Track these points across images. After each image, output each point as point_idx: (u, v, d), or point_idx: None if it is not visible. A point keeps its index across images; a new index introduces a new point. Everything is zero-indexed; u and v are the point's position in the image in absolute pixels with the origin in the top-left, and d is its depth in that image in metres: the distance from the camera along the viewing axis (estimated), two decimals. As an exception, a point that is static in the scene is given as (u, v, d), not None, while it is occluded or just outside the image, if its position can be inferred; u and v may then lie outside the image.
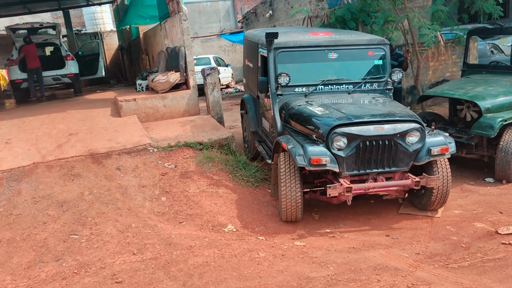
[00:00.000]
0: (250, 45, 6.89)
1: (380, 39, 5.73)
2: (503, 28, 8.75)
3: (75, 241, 4.46)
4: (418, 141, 4.58)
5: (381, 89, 5.55)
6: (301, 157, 4.42)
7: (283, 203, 4.66)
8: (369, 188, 4.56)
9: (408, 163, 4.62)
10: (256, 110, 6.76)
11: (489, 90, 5.95)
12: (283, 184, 4.60)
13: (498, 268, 3.73)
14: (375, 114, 4.68)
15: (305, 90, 5.45)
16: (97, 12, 19.67)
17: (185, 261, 4.05)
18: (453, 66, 10.24)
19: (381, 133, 4.46)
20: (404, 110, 4.94)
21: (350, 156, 4.50)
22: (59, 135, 7.07)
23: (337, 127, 4.46)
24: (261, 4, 13.31)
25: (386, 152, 4.54)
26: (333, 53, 5.50)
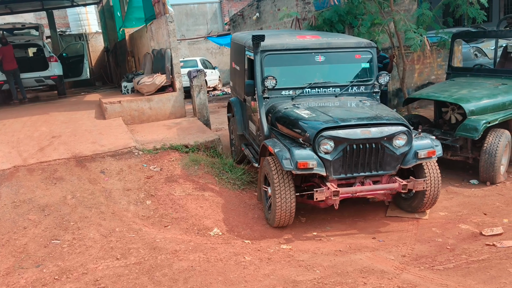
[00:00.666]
0: (237, 47, 6.83)
1: (367, 42, 5.72)
2: (486, 32, 8.87)
3: (57, 246, 4.36)
4: (405, 144, 4.56)
5: (368, 92, 5.54)
6: (288, 161, 4.37)
7: (278, 209, 4.55)
8: (356, 192, 4.52)
9: (395, 166, 4.60)
10: (243, 113, 6.70)
11: (473, 93, 6.01)
12: (277, 189, 4.51)
13: (482, 269, 3.75)
14: (362, 117, 4.65)
15: (292, 93, 5.41)
16: (82, 13, 19.45)
17: (170, 265, 3.98)
18: (438, 69, 10.35)
19: (368, 136, 4.43)
20: (391, 113, 4.93)
21: (337, 159, 4.46)
22: (41, 138, 6.93)
23: (323, 130, 4.42)
24: (248, 7, 13.31)
25: (373, 156, 4.51)
26: (320, 56, 5.48)
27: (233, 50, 7.32)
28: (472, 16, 7.14)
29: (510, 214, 4.81)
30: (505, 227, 4.49)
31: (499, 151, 5.52)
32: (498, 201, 5.21)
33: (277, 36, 6.04)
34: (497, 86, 6.14)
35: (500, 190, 5.53)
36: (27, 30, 13.07)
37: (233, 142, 7.33)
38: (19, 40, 12.26)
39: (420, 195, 4.81)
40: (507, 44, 6.92)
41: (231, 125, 7.42)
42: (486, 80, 6.50)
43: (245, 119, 6.63)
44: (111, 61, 16.57)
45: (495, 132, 5.63)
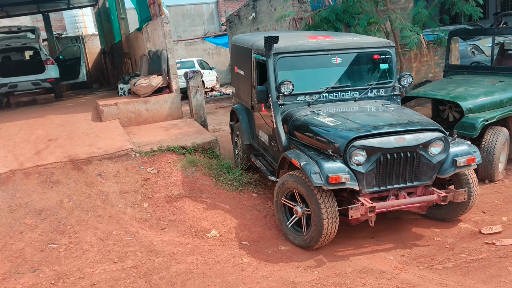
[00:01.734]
0: (241, 51, 6.37)
1: (386, 41, 5.34)
2: (483, 29, 8.87)
3: (53, 250, 4.33)
4: (441, 152, 4.18)
5: (388, 95, 5.13)
6: (317, 176, 3.91)
7: (324, 229, 4.03)
8: (393, 206, 4.12)
9: (431, 176, 4.22)
10: (250, 121, 6.24)
11: (470, 91, 6.00)
12: (322, 208, 3.99)
13: (482, 268, 3.73)
14: (394, 124, 4.23)
15: (309, 98, 4.96)
16: (78, 16, 19.43)
17: (167, 268, 3.96)
18: (436, 67, 10.34)
19: (403, 145, 4.03)
20: (423, 118, 4.55)
21: (370, 171, 4.04)
22: (37, 141, 6.89)
23: (355, 140, 3.99)
24: (244, 7, 13.28)
25: (408, 165, 4.11)
26: (336, 57, 5.05)
27: (235, 53, 6.87)
28: (468, 13, 7.12)
29: (509, 212, 4.79)
30: (504, 225, 4.48)
31: (497, 149, 5.51)
32: (497, 199, 5.19)
33: (287, 37, 5.59)
34: (494, 83, 6.13)
35: (498, 188, 5.51)
36: (23, 33, 13.01)
37: (238, 151, 6.86)
38: (15, 44, 12.21)
39: (457, 205, 4.46)
40: (504, 42, 6.91)
41: (234, 134, 6.94)
42: (483, 77, 6.48)
43: (253, 128, 6.20)
44: (108, 63, 16.54)
45: (493, 130, 5.61)
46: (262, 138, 5.78)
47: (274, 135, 5.02)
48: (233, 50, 7.08)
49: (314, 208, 4.05)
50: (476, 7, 7.06)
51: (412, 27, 7.02)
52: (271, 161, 5.53)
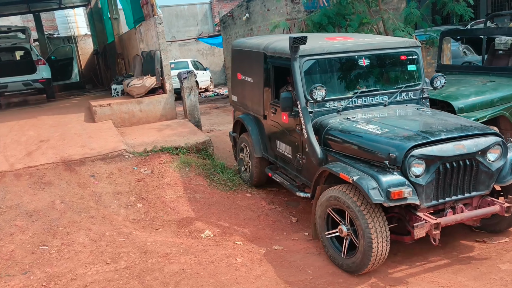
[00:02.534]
0: (248, 55, 5.89)
1: (412, 41, 5.05)
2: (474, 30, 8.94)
3: (45, 252, 4.30)
4: (499, 158, 3.86)
5: (418, 98, 4.83)
6: (376, 191, 3.48)
7: (373, 252, 3.58)
8: (456, 220, 3.77)
9: (489, 185, 3.88)
10: (261, 132, 5.77)
11: (462, 90, 6.04)
12: (371, 228, 3.55)
13: (473, 265, 3.77)
14: (449, 130, 3.88)
15: (337, 104, 4.57)
16: (70, 16, 19.31)
17: (161, 269, 3.95)
18: (428, 67, 10.38)
19: (463, 152, 3.68)
20: (473, 122, 4.28)
21: (429, 183, 3.65)
22: (29, 142, 6.85)
23: (414, 148, 3.61)
24: (238, 7, 13.28)
25: (466, 174, 3.78)
26: (363, 59, 4.70)
27: (239, 59, 6.33)
28: (459, 13, 7.18)
29: (500, 210, 4.82)
30: (495, 223, 4.51)
31: (489, 148, 5.54)
32: (488, 197, 5.22)
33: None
34: (485, 83, 6.18)
35: (490, 186, 5.55)
36: (14, 33, 12.91)
37: (245, 163, 6.30)
38: (5, 44, 12.12)
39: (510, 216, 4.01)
40: (494, 42, 6.96)
41: (239, 146, 6.41)
42: (475, 77, 6.53)
43: (265, 139, 5.74)
44: (101, 64, 16.47)
45: (484, 129, 5.65)
46: (282, 150, 5.28)
47: (300, 146, 4.71)
48: (235, 55, 6.49)
49: (363, 230, 3.59)
50: (467, 8, 7.12)
51: (404, 27, 7.06)
52: (295, 175, 5.09)
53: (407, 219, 3.75)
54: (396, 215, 3.88)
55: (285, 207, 5.54)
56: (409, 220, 3.73)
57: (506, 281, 3.47)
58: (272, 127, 5.43)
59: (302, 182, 4.95)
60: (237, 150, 6.59)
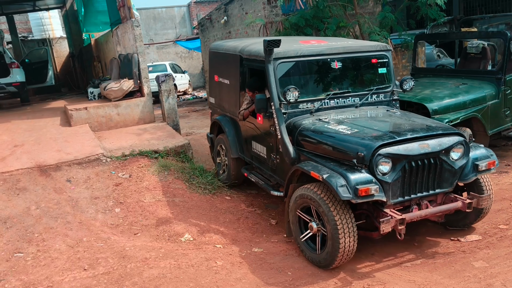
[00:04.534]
0: (224, 58, 5.98)
1: (383, 45, 5.18)
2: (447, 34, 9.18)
3: (20, 259, 4.20)
4: (462, 156, 4.01)
5: (388, 100, 4.98)
6: (344, 188, 3.61)
7: (341, 247, 3.71)
8: (420, 216, 3.90)
9: (452, 182, 4.04)
10: (237, 133, 5.87)
11: (436, 93, 6.20)
12: (338, 224, 3.69)
13: (448, 264, 3.86)
14: (415, 130, 4.04)
15: (310, 106, 4.69)
16: (45, 18, 18.92)
17: (140, 274, 3.91)
18: (403, 70, 10.61)
19: (427, 151, 3.83)
20: (438, 122, 4.45)
21: (396, 181, 3.79)
22: (2, 147, 6.69)
23: (380, 147, 3.74)
24: (216, 10, 13.28)
25: (431, 173, 3.93)
26: (336, 62, 4.83)
27: (216, 61, 6.40)
28: (432, 17, 7.36)
29: (473, 209, 4.96)
30: (469, 222, 4.64)
31: (462, 149, 5.70)
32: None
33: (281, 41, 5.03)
34: (458, 85, 6.36)
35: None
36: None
37: (221, 164, 6.42)
38: None
39: (476, 212, 4.27)
40: (466, 45, 7.17)
41: (216, 147, 6.50)
42: (448, 80, 6.72)
43: (241, 140, 5.85)
44: (77, 67, 16.19)
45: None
46: (257, 151, 5.39)
47: (274, 146, 4.80)
48: (212, 57, 6.60)
49: (331, 226, 3.74)
50: (440, 12, 7.31)
51: (380, 31, 7.20)
52: (270, 175, 5.20)
53: (375, 216, 3.89)
54: (365, 211, 4.02)
55: (264, 209, 5.57)
56: (376, 216, 3.86)
57: (479, 278, 3.57)
58: (248, 128, 5.53)
59: (276, 182, 5.05)
60: (214, 151, 6.65)
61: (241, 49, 5.40)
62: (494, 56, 6.99)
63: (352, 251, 3.80)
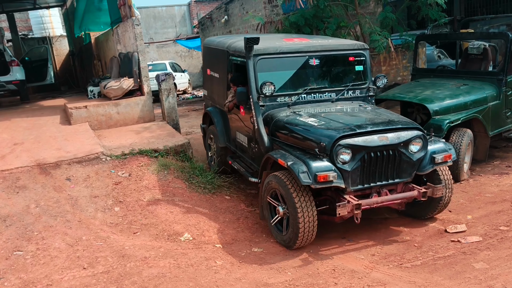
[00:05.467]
0: (215, 53, 6.36)
1: (361, 44, 5.49)
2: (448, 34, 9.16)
3: (19, 257, 4.19)
4: (420, 149, 4.32)
5: (364, 96, 5.29)
6: (305, 175, 3.96)
7: (301, 229, 4.09)
8: (376, 203, 4.23)
9: (411, 173, 4.36)
10: (225, 124, 6.24)
11: (436, 94, 6.19)
12: (298, 207, 4.05)
13: (448, 265, 3.85)
14: (376, 123, 4.37)
15: (288, 99, 5.03)
16: (45, 16, 18.90)
17: (139, 273, 3.90)
18: (404, 70, 10.60)
19: (386, 143, 4.14)
20: (401, 117, 4.75)
21: (355, 169, 4.12)
22: (2, 145, 6.67)
23: (341, 139, 4.08)
24: (217, 10, 13.28)
25: (390, 163, 4.23)
26: (314, 59, 5.16)
27: (209, 56, 6.83)
28: (433, 18, 7.35)
29: (473, 211, 4.97)
30: (469, 223, 4.64)
31: (462, 150, 5.70)
32: (462, 198, 5.36)
33: (264, 39, 5.52)
34: (459, 86, 6.35)
35: (463, 187, 5.70)
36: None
37: (211, 154, 6.84)
38: None
39: (434, 202, 4.59)
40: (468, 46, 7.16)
41: (208, 137, 6.92)
42: (449, 81, 6.71)
43: (228, 130, 6.21)
44: (76, 65, 16.16)
45: (458, 131, 5.81)
46: (240, 140, 5.78)
47: (254, 136, 5.08)
48: (205, 52, 7.05)
49: (291, 209, 4.11)
50: (441, 12, 7.30)
51: (381, 31, 7.19)
52: (250, 163, 5.54)
53: (337, 201, 4.17)
54: (328, 198, 4.36)
55: (264, 209, 5.55)
56: (337, 202, 4.14)
57: (480, 280, 3.56)
58: (233, 119, 5.92)
59: (255, 169, 5.32)
60: (205, 140, 7.07)
61: (228, 45, 5.74)
62: (495, 57, 6.97)
63: (313, 233, 4.18)
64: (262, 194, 4.67)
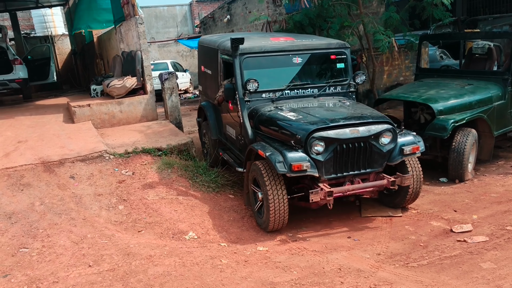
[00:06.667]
0: (208, 51, 6.71)
1: (341, 42, 5.79)
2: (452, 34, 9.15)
3: (25, 254, 4.18)
4: (390, 142, 4.65)
5: (345, 92, 5.62)
6: (281, 164, 4.35)
7: (271, 213, 4.52)
8: (348, 190, 4.57)
9: (382, 163, 4.70)
10: (217, 117, 6.60)
11: (441, 93, 6.18)
12: (269, 193, 4.48)
13: (455, 265, 3.83)
14: (348, 117, 4.72)
15: (272, 95, 5.40)
16: (47, 15, 18.89)
17: (145, 271, 3.89)
18: (406, 70, 10.60)
19: (357, 136, 4.50)
20: (374, 112, 5.04)
21: (328, 160, 4.48)
22: (6, 143, 6.67)
23: (314, 132, 4.44)
24: (219, 9, 13.27)
25: (361, 154, 4.58)
26: (297, 57, 5.50)
27: (202, 53, 7.19)
28: (437, 17, 7.33)
29: (479, 211, 4.95)
30: (475, 223, 4.62)
31: (467, 150, 5.69)
32: (467, 198, 5.35)
33: (252, 38, 5.97)
34: (463, 86, 6.33)
35: (468, 187, 5.69)
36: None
37: (206, 146, 7.19)
38: None
39: (403, 191, 4.91)
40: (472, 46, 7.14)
41: (202, 130, 7.29)
42: (453, 80, 6.69)
43: (220, 124, 6.53)
44: (78, 64, 16.15)
45: (463, 131, 5.79)
46: (229, 133, 6.12)
47: (241, 129, 5.38)
48: (200, 50, 7.35)
49: (264, 195, 4.55)
50: (445, 12, 7.28)
51: (384, 31, 7.17)
52: (238, 154, 5.85)
53: (311, 189, 4.48)
54: (305, 186, 4.70)
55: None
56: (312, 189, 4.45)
57: (488, 279, 3.54)
58: (224, 113, 6.26)
59: (242, 160, 5.52)
60: (201, 133, 7.45)
61: (219, 44, 6.06)
62: (500, 57, 6.96)
63: (283, 219, 4.59)
64: (246, 183, 5.09)
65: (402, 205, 5.11)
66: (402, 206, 5.13)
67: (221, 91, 5.82)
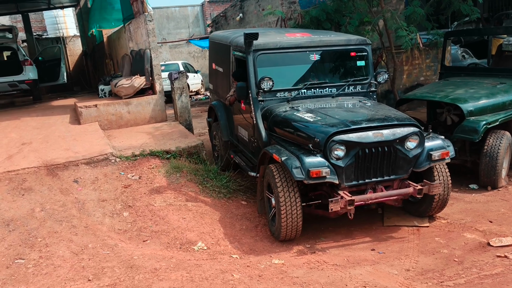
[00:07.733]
0: (219, 47, 6.38)
1: (362, 39, 5.40)
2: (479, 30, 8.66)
3: (21, 266, 3.86)
4: (417, 146, 4.27)
5: (365, 92, 5.23)
6: (298, 170, 4.00)
7: (283, 219, 4.16)
8: (370, 199, 4.20)
9: (407, 169, 4.31)
10: (228, 118, 6.23)
11: (470, 93, 5.73)
12: (281, 198, 4.13)
13: (498, 285, 3.39)
14: (371, 119, 4.32)
15: (288, 95, 5.03)
16: (59, 16, 18.85)
17: (149, 286, 3.54)
18: (427, 70, 10.13)
19: (381, 139, 4.13)
20: (398, 113, 4.63)
21: (349, 165, 4.12)
22: (10, 145, 6.43)
23: (335, 135, 4.08)
24: (231, 7, 12.96)
25: (385, 160, 4.21)
26: (314, 54, 5.13)
27: (214, 50, 6.87)
28: (465, 13, 6.87)
29: (517, 221, 4.49)
30: (514, 235, 4.17)
31: (501, 154, 5.23)
32: (503, 207, 4.89)
33: (267, 34, 5.60)
34: (495, 85, 5.87)
35: (503, 195, 5.22)
36: (1, 33, 12.41)
37: (216, 148, 6.83)
38: None
39: (429, 198, 4.49)
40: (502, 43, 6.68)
41: (213, 131, 6.95)
42: (482, 79, 6.23)
43: (232, 125, 6.17)
44: (89, 65, 16.00)
45: (496, 133, 5.33)
46: (241, 134, 5.78)
47: (254, 131, 5.05)
48: (211, 46, 7.06)
49: (276, 201, 4.20)
50: (473, 7, 6.81)
51: (407, 26, 6.74)
52: (250, 157, 5.51)
53: (330, 197, 4.13)
54: (324, 193, 4.34)
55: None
56: (331, 197, 4.10)
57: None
58: (236, 114, 5.89)
59: (255, 164, 5.19)
60: (211, 134, 7.10)
61: (231, 40, 5.70)
62: (533, 54, 6.49)
63: (296, 227, 4.20)
64: (259, 188, 4.72)
65: (428, 213, 4.68)
66: (428, 215, 4.69)
67: (233, 90, 5.47)
